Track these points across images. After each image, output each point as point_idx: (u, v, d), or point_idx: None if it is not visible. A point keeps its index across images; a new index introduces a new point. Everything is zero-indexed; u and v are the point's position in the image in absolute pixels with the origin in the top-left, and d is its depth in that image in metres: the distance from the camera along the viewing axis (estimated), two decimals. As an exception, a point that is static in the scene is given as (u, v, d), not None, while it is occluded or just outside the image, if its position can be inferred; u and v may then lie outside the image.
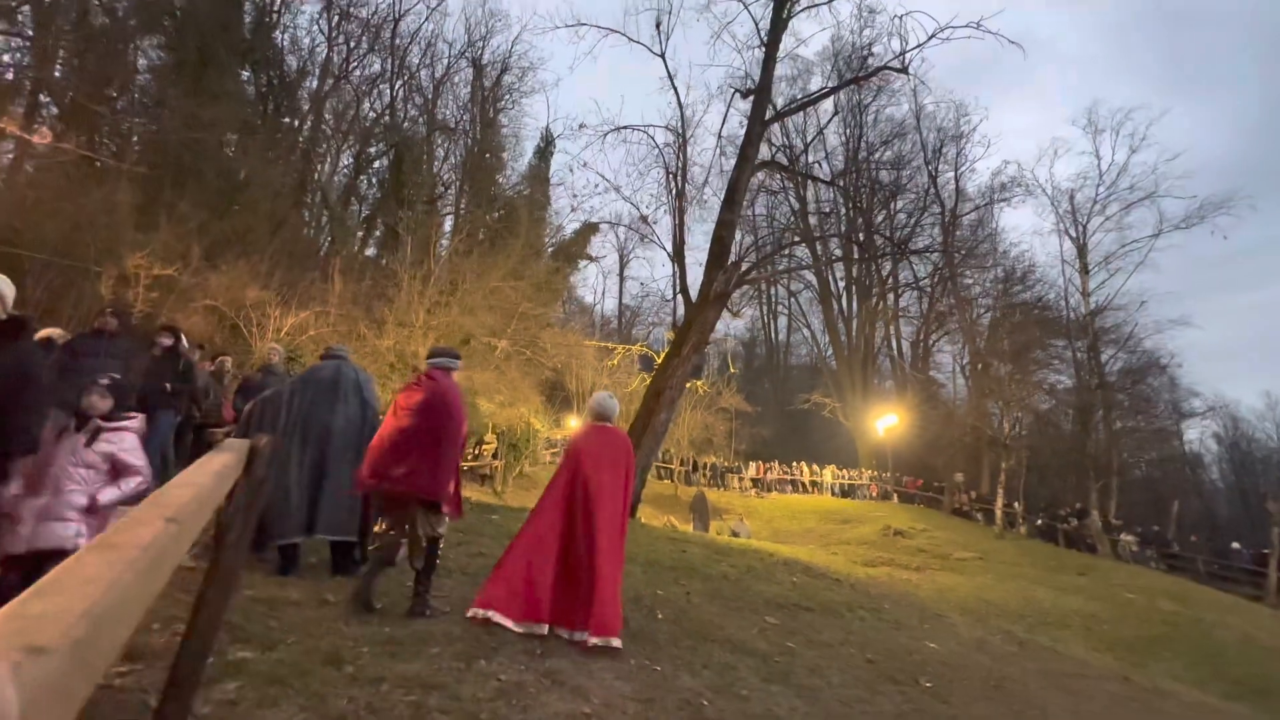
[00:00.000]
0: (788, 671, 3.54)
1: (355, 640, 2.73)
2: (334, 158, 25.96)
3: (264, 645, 2.53)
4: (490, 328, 19.65)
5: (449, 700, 2.32)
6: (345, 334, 15.71)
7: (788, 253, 25.19)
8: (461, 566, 4.38)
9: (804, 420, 34.71)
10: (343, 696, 2.20)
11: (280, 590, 3.25)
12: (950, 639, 5.92)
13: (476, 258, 20.03)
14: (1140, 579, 15.28)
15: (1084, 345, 24.13)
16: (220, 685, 2.13)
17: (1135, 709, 4.91)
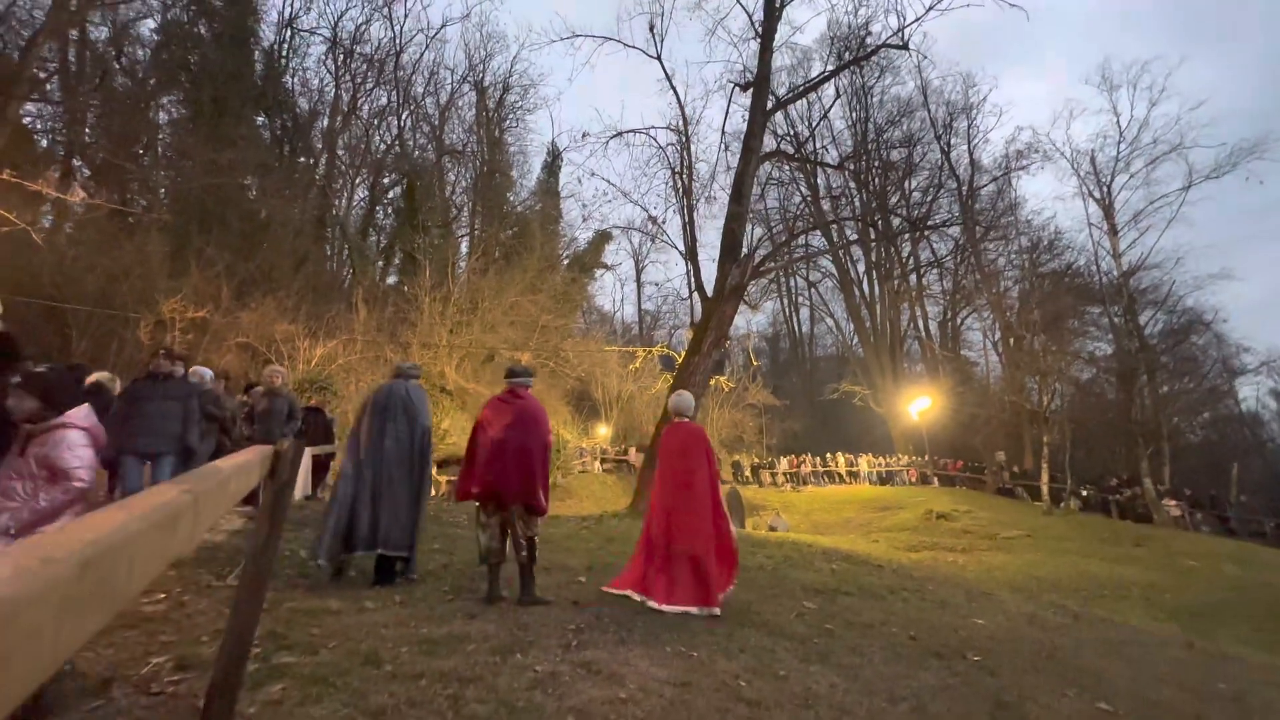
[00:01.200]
0: (826, 652, 3.50)
1: (394, 642, 2.80)
2: (349, 191, 26.73)
3: (306, 650, 2.61)
4: (512, 342, 19.92)
5: (486, 692, 2.36)
6: (372, 360, 16.10)
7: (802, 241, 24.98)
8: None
9: (835, 411, 34.22)
10: (383, 693, 2.26)
11: (320, 601, 3.35)
12: (999, 615, 5.76)
13: (494, 275, 20.37)
14: (1202, 545, 14.64)
15: (1120, 309, 23.31)
16: (265, 688, 2.21)
17: (1198, 672, 4.70)
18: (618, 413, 26.59)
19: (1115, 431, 24.35)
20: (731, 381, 24.16)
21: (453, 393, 17.05)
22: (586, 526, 7.88)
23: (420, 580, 4.08)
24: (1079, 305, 24.12)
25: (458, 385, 17.19)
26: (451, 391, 16.98)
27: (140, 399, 4.67)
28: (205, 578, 3.71)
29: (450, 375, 17.14)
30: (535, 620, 3.30)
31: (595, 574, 4.73)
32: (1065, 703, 3.30)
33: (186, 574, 3.77)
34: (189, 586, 3.48)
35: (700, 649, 3.24)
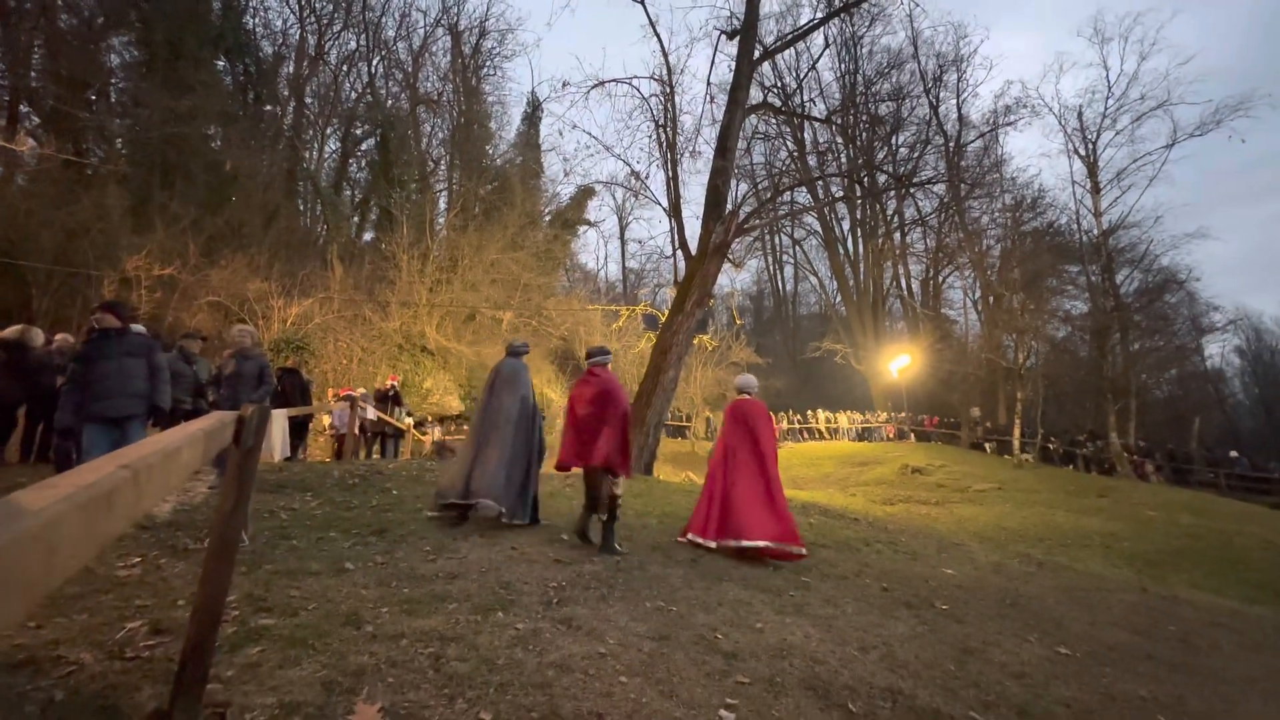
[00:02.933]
0: (802, 604, 3.61)
1: (375, 603, 2.81)
2: (320, 143, 25.61)
3: (285, 612, 2.61)
4: (494, 301, 19.63)
5: (467, 650, 2.39)
6: (350, 319, 15.80)
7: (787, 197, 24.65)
8: (480, 530, 4.47)
9: (817, 368, 34.65)
10: (363, 653, 2.28)
11: (300, 563, 3.35)
12: (967, 565, 6.00)
13: (473, 232, 19.87)
14: (1161, 496, 15.30)
15: (1098, 268, 23.60)
16: (243, 650, 2.20)
17: (1150, 616, 4.97)
18: (602, 371, 26.59)
19: (1086, 388, 25.07)
20: (715, 340, 24.20)
21: (434, 352, 16.86)
22: (570, 484, 7.95)
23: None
24: (1058, 264, 24.36)
25: (439, 345, 16.98)
26: (433, 351, 16.78)
27: (96, 359, 4.20)
28: (182, 540, 3.68)
29: (431, 335, 16.90)
30: (517, 579, 3.34)
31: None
32: (1027, 648, 3.46)
33: (163, 536, 3.73)
34: (165, 550, 3.45)
35: (680, 604, 3.32)
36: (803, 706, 2.31)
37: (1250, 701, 3.12)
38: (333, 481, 6.10)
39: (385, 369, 15.94)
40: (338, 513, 4.87)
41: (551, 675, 2.26)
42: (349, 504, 5.25)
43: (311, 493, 5.53)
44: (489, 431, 4.63)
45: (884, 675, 2.73)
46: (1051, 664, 3.23)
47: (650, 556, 4.24)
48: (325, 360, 14.33)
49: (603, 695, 2.17)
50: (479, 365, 18.32)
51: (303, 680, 2.03)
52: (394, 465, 7.87)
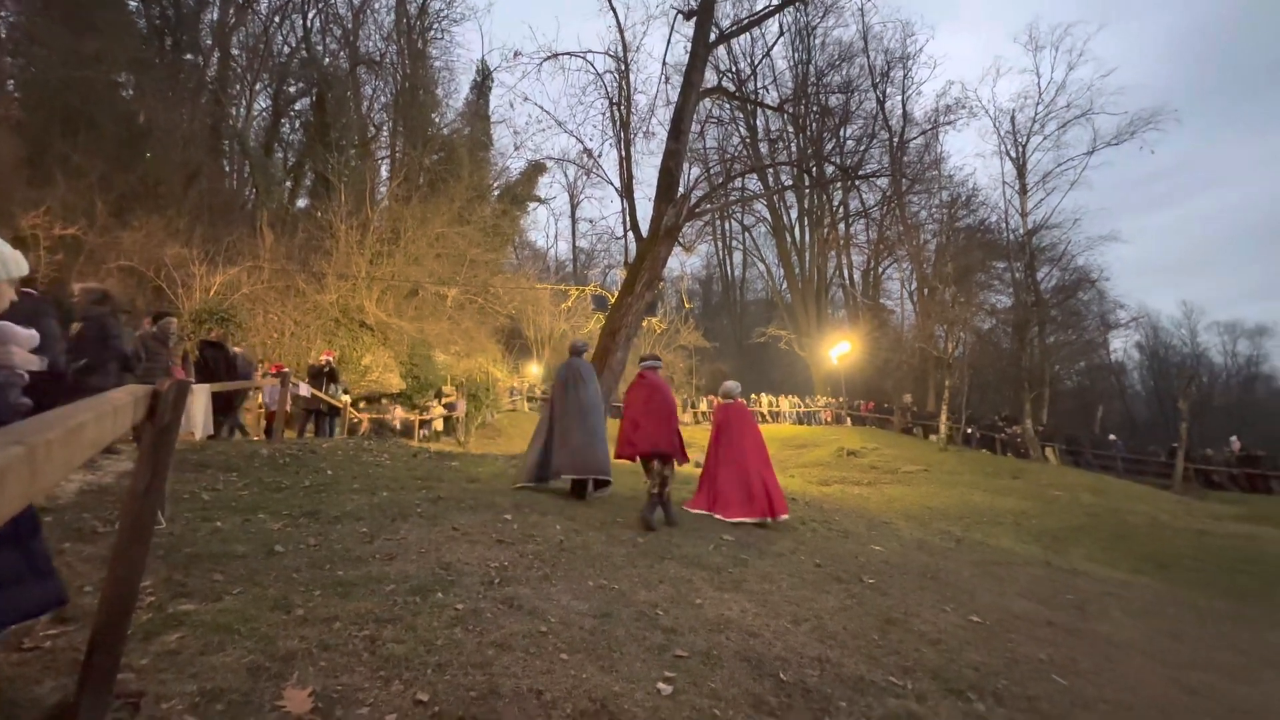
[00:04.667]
0: (740, 580, 3.74)
1: (306, 586, 2.71)
2: (248, 99, 23.81)
3: (208, 597, 2.48)
4: (439, 277, 19.00)
5: (404, 631, 2.35)
6: (282, 290, 14.92)
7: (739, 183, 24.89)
8: (421, 511, 4.37)
9: (762, 353, 35.51)
10: (293, 637, 2.20)
11: (225, 546, 3.18)
12: (894, 542, 6.36)
13: (417, 204, 19.08)
14: (1066, 478, 16.64)
15: (1022, 265, 25.15)
16: (160, 638, 2.09)
17: (1051, 587, 5.43)
18: (549, 352, 26.32)
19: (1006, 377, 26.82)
20: (664, 323, 24.36)
21: (374, 328, 16.19)
22: (515, 465, 7.87)
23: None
24: (987, 260, 25.82)
25: (379, 320, 16.31)
26: (372, 327, 16.11)
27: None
28: (89, 523, 3.42)
29: (370, 309, 16.20)
30: (457, 560, 3.29)
31: (522, 512, 4.76)
32: (943, 617, 3.72)
33: (68, 519, 3.46)
34: (70, 533, 3.20)
35: (622, 582, 3.37)
36: (737, 676, 2.40)
37: (1131, 660, 3.47)
38: (261, 461, 5.81)
39: (320, 344, 15.20)
40: (266, 494, 4.65)
41: (491, 654, 2.26)
42: (279, 484, 5.02)
43: (237, 473, 5.25)
44: (575, 417, 5.54)
45: (814, 645, 2.87)
46: (964, 631, 3.48)
47: (594, 536, 4.27)
48: (254, 333, 13.50)
49: (543, 673, 2.18)
50: (421, 342, 17.76)
51: (226, 666, 1.94)
52: (329, 444, 7.56)
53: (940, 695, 2.53)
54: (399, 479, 5.80)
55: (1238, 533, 10.80)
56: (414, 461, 7.15)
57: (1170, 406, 41.82)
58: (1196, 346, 44.26)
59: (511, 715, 1.88)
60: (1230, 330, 45.04)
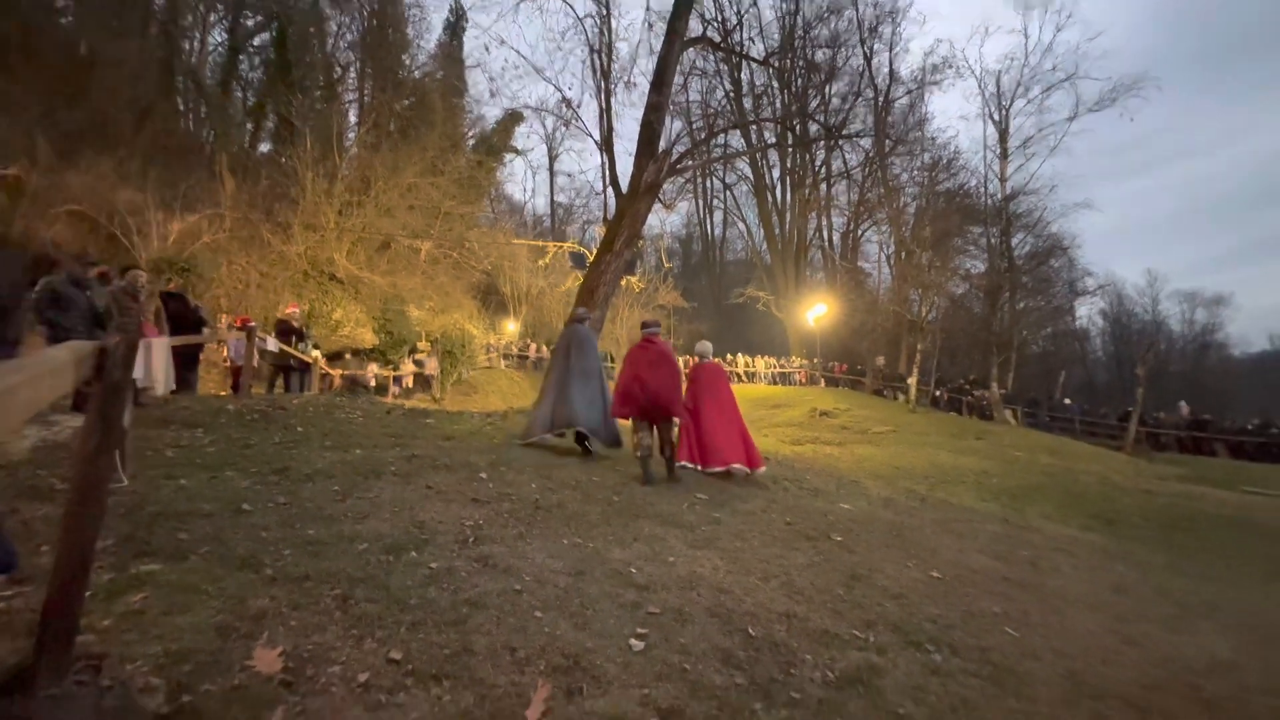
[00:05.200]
0: (713, 538, 3.82)
1: (276, 544, 2.68)
2: (202, 32, 22.23)
3: (173, 557, 2.44)
4: (411, 229, 18.43)
5: (377, 590, 2.35)
6: (246, 240, 14.32)
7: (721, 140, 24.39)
8: (395, 470, 4.33)
9: (740, 314, 35.64)
10: (263, 596, 2.18)
11: (190, 504, 3.12)
12: (861, 500, 6.56)
13: (388, 151, 18.30)
14: (1027, 439, 17.30)
15: (998, 230, 25.40)
16: (123, 598, 2.04)
17: (1009, 542, 5.69)
18: (526, 308, 26.01)
19: (976, 341, 27.45)
20: (642, 282, 24.17)
21: (344, 281, 15.72)
22: (491, 423, 7.85)
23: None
24: (965, 225, 25.99)
25: (350, 274, 15.82)
26: (343, 280, 15.64)
27: None
28: (46, 480, 3.31)
29: (340, 262, 15.69)
30: (432, 518, 3.29)
31: (498, 470, 4.76)
32: (906, 572, 3.87)
33: (21, 476, 3.34)
34: (24, 491, 3.10)
35: (597, 540, 3.41)
36: (707, 632, 2.47)
37: (1077, 613, 3.68)
38: (228, 417, 5.67)
39: (288, 296, 14.73)
40: (234, 451, 4.55)
41: (465, 613, 2.27)
42: (247, 441, 4.91)
43: (203, 429, 5.12)
44: (575, 380, 5.89)
45: (782, 601, 2.96)
46: (925, 586, 3.63)
47: (570, 495, 4.30)
48: (217, 285, 12.99)
49: (517, 630, 2.21)
50: (394, 297, 17.34)
51: (193, 627, 1.92)
52: (299, 401, 7.42)
53: (900, 647, 2.65)
54: (372, 436, 5.74)
55: (1180, 492, 11.42)
56: (388, 419, 7.07)
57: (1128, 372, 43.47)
58: (1157, 314, 45.77)
59: (484, 672, 1.91)
60: (1190, 299, 46.58)
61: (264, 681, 1.70)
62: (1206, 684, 2.80)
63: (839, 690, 2.18)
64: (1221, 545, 7.35)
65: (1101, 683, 2.63)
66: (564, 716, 1.76)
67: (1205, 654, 3.22)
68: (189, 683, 1.64)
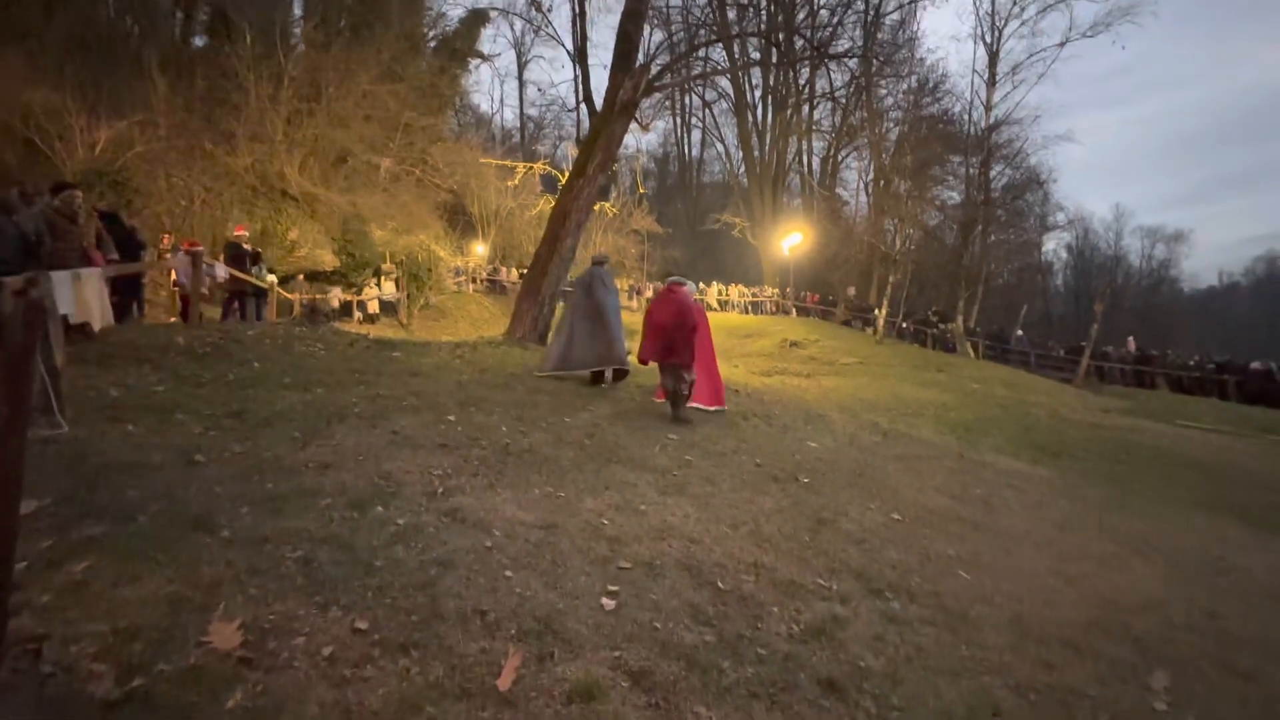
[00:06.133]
0: (684, 484, 3.86)
1: (232, 501, 2.57)
2: (113, -103, 19.23)
3: (120, 518, 2.31)
4: (369, 141, 17.19)
5: (341, 551, 2.29)
6: (185, 151, 13.14)
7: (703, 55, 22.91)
8: (359, 411, 4.20)
9: (715, 240, 35.06)
10: (219, 562, 2.09)
11: (139, 455, 2.96)
12: (828, 436, 6.73)
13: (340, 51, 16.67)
14: (985, 371, 17.95)
15: (978, 161, 25.06)
16: (64, 568, 1.93)
17: (962, 478, 5.97)
18: (495, 230, 25.05)
19: (945, 273, 27.73)
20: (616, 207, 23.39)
21: (298, 199, 14.73)
22: (460, 355, 7.68)
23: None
24: (945, 153, 25.52)
25: (304, 190, 14.81)
26: (296, 198, 14.64)
27: None
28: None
29: (292, 177, 14.62)
30: (398, 469, 3.21)
31: (468, 411, 4.66)
32: (868, 515, 4.00)
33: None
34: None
35: (569, 488, 3.40)
36: (678, 587, 2.51)
37: (1024, 553, 3.90)
38: (177, 351, 5.37)
39: (237, 214, 13.78)
40: (185, 390, 4.34)
41: (434, 574, 2.24)
42: (199, 379, 4.69)
43: (150, 365, 4.85)
44: (596, 318, 6.41)
45: (750, 550, 3.03)
46: (886, 530, 3.78)
47: (541, 438, 4.26)
48: (157, 201, 12.01)
49: (487, 591, 2.20)
50: (354, 216, 16.40)
51: (142, 600, 1.83)
52: (255, 332, 7.07)
53: (862, 596, 2.76)
54: (335, 373, 5.54)
55: (1122, 425, 12.11)
56: (351, 352, 6.83)
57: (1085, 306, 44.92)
58: (1120, 249, 46.84)
59: (454, 640, 1.89)
60: (1151, 235, 47.67)
61: (222, 659, 1.64)
62: (1136, 622, 3.02)
63: (803, 644, 2.26)
64: (1155, 478, 7.87)
65: (1044, 625, 2.81)
66: (535, 684, 1.76)
67: (1138, 592, 3.47)
68: (140, 664, 1.57)
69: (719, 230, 30.54)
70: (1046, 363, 22.89)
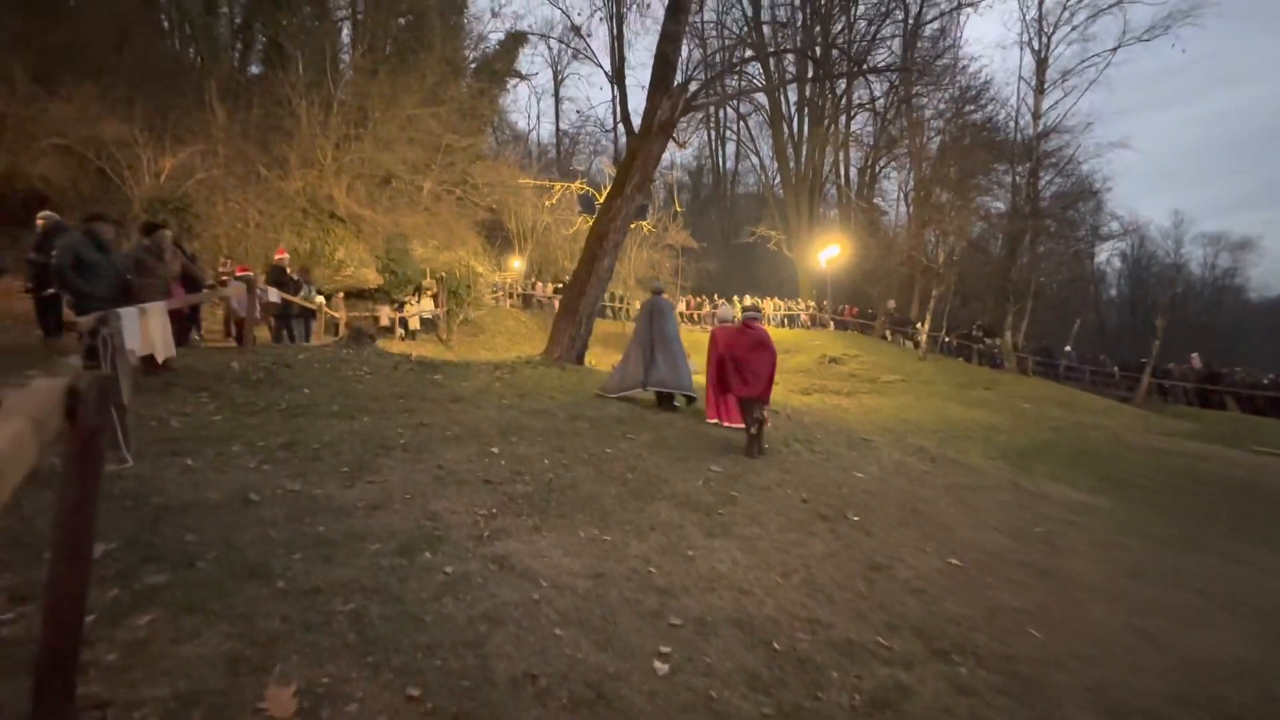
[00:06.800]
0: (729, 524, 3.75)
1: (285, 545, 2.59)
2: (180, -61, 20.48)
3: (180, 563, 2.35)
4: (412, 164, 17.68)
5: (390, 604, 2.27)
6: (242, 176, 13.77)
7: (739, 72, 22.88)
8: (404, 443, 4.24)
9: (749, 253, 34.78)
10: (274, 615, 2.10)
11: (196, 492, 3.03)
12: (874, 465, 6.51)
13: (385, 77, 17.26)
14: (1037, 390, 17.19)
15: (1025, 170, 24.20)
16: (129, 620, 1.96)
17: (1020, 512, 5.67)
18: (532, 245, 25.42)
19: (990, 286, 26.73)
20: (652, 225, 23.46)
21: (345, 219, 15.24)
22: (499, 378, 7.74)
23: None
24: (990, 162, 24.69)
25: (350, 211, 15.32)
26: (344, 218, 15.16)
27: None
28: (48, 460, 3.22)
29: (340, 199, 15.15)
30: (444, 508, 3.20)
31: (509, 441, 4.66)
32: (924, 559, 3.81)
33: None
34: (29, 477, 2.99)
35: (614, 530, 3.33)
36: (731, 647, 2.41)
37: (1096, 605, 3.65)
38: (232, 377, 5.56)
39: (288, 235, 14.33)
40: (240, 419, 4.46)
41: (483, 630, 2.20)
42: (253, 406, 4.82)
43: (208, 392, 5.02)
44: (660, 344, 6.88)
45: (803, 603, 2.90)
46: (945, 577, 3.58)
47: (582, 472, 4.22)
48: (215, 224, 12.60)
49: (537, 652, 2.14)
50: (397, 235, 16.87)
51: (202, 659, 1.84)
52: (305, 355, 7.28)
53: (926, 659, 2.60)
54: (380, 399, 5.63)
55: (1191, 450, 11.39)
56: (395, 375, 6.96)
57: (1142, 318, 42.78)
58: (1180, 257, 44.49)
59: (506, 708, 1.84)
60: (1215, 242, 45.13)
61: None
62: (1232, 694, 2.76)
63: (867, 717, 2.13)
64: (1235, 513, 7.34)
65: (1128, 696, 2.59)
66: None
67: (1228, 654, 3.19)
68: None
69: (754, 243, 30.28)
70: (1102, 380, 21.80)
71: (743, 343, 5.91)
